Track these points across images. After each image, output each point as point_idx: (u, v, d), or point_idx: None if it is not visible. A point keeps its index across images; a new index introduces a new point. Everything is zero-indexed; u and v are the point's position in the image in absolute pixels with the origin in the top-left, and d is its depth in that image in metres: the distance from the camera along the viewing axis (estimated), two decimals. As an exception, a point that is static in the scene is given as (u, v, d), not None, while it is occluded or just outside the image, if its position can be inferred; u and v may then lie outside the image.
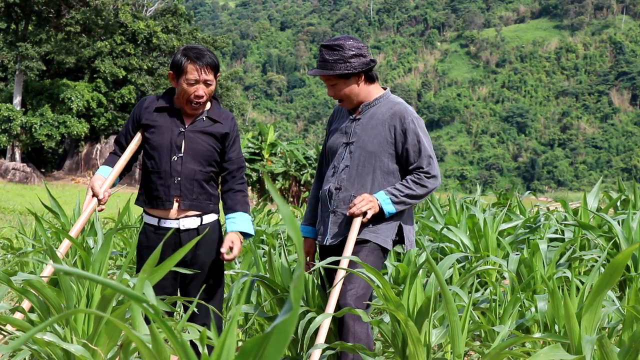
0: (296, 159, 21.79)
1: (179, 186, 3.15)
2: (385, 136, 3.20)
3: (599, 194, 6.35)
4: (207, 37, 34.44)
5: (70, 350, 2.53)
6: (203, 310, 3.15)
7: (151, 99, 3.29)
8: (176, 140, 3.17)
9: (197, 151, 3.17)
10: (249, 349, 1.14)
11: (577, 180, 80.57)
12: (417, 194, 3.17)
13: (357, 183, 3.22)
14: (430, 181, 3.18)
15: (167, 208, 3.17)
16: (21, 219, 8.10)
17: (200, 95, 3.12)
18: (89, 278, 1.28)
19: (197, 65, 3.09)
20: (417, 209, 7.68)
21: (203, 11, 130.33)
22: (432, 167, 3.19)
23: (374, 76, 3.28)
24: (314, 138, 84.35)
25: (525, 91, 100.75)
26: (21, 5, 26.94)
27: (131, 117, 3.29)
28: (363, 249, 3.17)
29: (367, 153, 3.21)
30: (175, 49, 30.60)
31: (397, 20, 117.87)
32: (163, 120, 3.20)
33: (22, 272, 2.88)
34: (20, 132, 27.63)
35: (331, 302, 3.00)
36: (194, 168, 3.16)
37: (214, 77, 3.16)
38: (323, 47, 3.23)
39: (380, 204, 3.15)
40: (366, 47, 3.27)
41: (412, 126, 3.19)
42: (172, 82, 3.18)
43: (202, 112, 3.21)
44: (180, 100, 3.17)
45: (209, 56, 3.13)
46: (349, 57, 3.17)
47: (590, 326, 2.59)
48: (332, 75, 3.20)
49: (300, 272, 1.01)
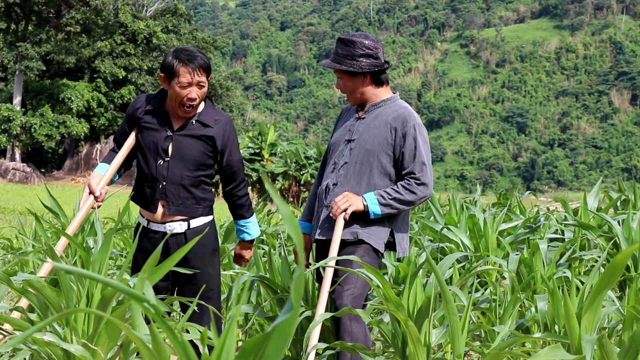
0: (296, 159, 21.80)
1: (164, 190, 3.11)
2: (386, 137, 3.21)
3: (599, 194, 6.34)
4: (207, 37, 34.43)
5: (70, 350, 2.53)
6: (197, 314, 3.13)
7: (144, 98, 3.24)
8: (162, 144, 3.12)
9: (185, 156, 3.11)
10: (250, 348, 1.14)
11: (577, 180, 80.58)
12: (405, 200, 3.15)
13: (353, 180, 3.23)
14: (420, 188, 3.16)
15: (152, 211, 3.15)
16: (21, 219, 8.10)
17: (193, 97, 3.06)
18: (89, 277, 1.28)
19: (190, 68, 3.03)
20: (418, 209, 7.67)
21: (203, 11, 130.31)
22: (423, 175, 3.17)
23: (383, 79, 3.27)
24: (314, 138, 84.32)
25: (525, 91, 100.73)
26: (21, 5, 26.92)
27: (126, 115, 3.26)
28: (358, 249, 3.18)
29: (365, 151, 3.22)
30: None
31: (397, 20, 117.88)
32: (152, 122, 3.16)
33: (22, 272, 2.88)
34: (20, 132, 27.62)
35: (321, 301, 3.00)
36: (181, 173, 3.11)
37: (207, 79, 3.10)
38: (338, 40, 3.25)
39: (367, 204, 3.14)
40: (381, 49, 3.25)
41: (412, 131, 3.18)
42: (164, 84, 3.12)
43: (193, 116, 3.14)
44: (172, 103, 3.11)
45: (201, 57, 3.07)
46: (358, 56, 3.17)
47: (590, 326, 2.59)
48: (339, 70, 3.22)
49: (300, 273, 1.01)
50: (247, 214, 3.29)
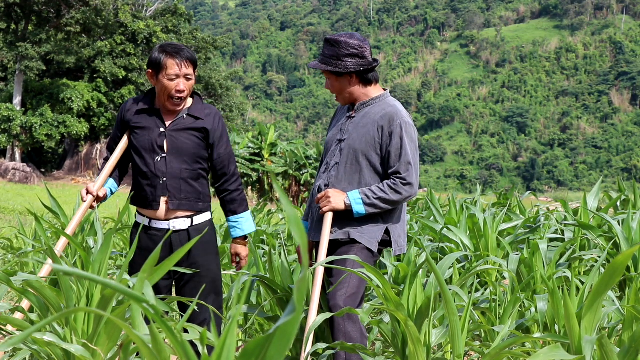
0: (296, 159, 21.80)
1: (165, 186, 3.14)
2: (374, 136, 3.19)
3: (599, 194, 6.34)
4: (207, 37, 34.41)
5: (70, 350, 2.53)
6: (198, 312, 3.14)
7: (132, 101, 3.28)
8: (157, 140, 3.16)
9: (181, 150, 3.15)
10: (252, 350, 1.13)
11: (577, 180, 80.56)
12: (390, 199, 3.13)
13: (345, 181, 3.22)
14: (405, 188, 3.13)
15: (155, 209, 3.16)
16: (21, 219, 8.10)
17: (182, 89, 3.10)
18: (88, 278, 1.28)
19: (177, 60, 3.09)
20: (418, 209, 7.66)
21: (203, 11, 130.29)
22: (409, 174, 3.14)
23: (371, 78, 3.25)
24: (314, 138, 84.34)
25: (525, 91, 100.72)
26: (21, 5, 26.91)
27: (117, 121, 3.30)
28: (352, 249, 3.17)
29: (354, 151, 3.21)
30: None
31: (397, 20, 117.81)
32: (144, 121, 3.20)
33: (22, 272, 2.88)
34: (20, 132, 27.61)
35: (313, 302, 2.99)
36: (180, 167, 3.15)
37: (193, 72, 3.15)
38: (325, 41, 3.25)
39: (350, 203, 3.13)
40: (368, 47, 3.23)
41: (399, 130, 3.15)
42: (151, 80, 3.16)
43: (182, 110, 3.19)
44: (161, 98, 3.15)
45: (187, 50, 3.14)
46: (344, 56, 3.16)
47: (590, 326, 2.58)
48: (326, 70, 3.22)
49: (304, 275, 1.00)
50: (240, 208, 3.27)
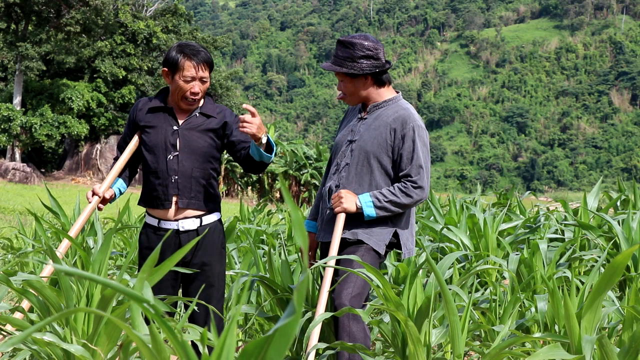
0: (296, 159, 21.81)
1: (176, 185, 3.15)
2: (386, 138, 3.19)
3: (599, 194, 6.34)
4: (207, 37, 34.41)
5: (70, 350, 2.53)
6: (202, 311, 3.15)
7: (144, 100, 3.29)
8: (170, 138, 3.16)
9: (193, 148, 3.16)
10: (251, 350, 1.13)
11: (577, 180, 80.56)
12: (401, 202, 3.13)
13: (355, 182, 3.22)
14: (416, 191, 3.14)
15: (166, 208, 3.17)
16: (21, 219, 8.09)
17: (196, 92, 3.12)
18: (89, 278, 1.28)
19: (194, 62, 3.09)
20: (418, 209, 7.67)
21: (203, 11, 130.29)
22: (420, 178, 3.15)
23: (385, 80, 3.25)
24: (314, 138, 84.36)
25: (525, 91, 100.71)
26: (21, 5, 26.90)
27: (128, 121, 3.31)
28: (359, 249, 3.17)
29: (366, 152, 3.21)
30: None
31: (397, 20, 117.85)
32: (157, 120, 3.21)
33: (22, 272, 2.88)
34: (20, 132, 27.61)
35: (321, 301, 3.00)
36: (192, 166, 3.16)
37: (209, 74, 3.16)
38: (338, 43, 3.24)
39: (361, 206, 3.13)
40: (382, 49, 3.22)
41: (411, 133, 3.16)
42: (166, 78, 3.17)
43: (195, 109, 3.20)
44: (175, 97, 3.16)
45: (205, 53, 3.14)
46: (359, 57, 3.16)
47: (590, 326, 2.59)
48: (340, 72, 3.21)
49: (305, 277, 1.00)
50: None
